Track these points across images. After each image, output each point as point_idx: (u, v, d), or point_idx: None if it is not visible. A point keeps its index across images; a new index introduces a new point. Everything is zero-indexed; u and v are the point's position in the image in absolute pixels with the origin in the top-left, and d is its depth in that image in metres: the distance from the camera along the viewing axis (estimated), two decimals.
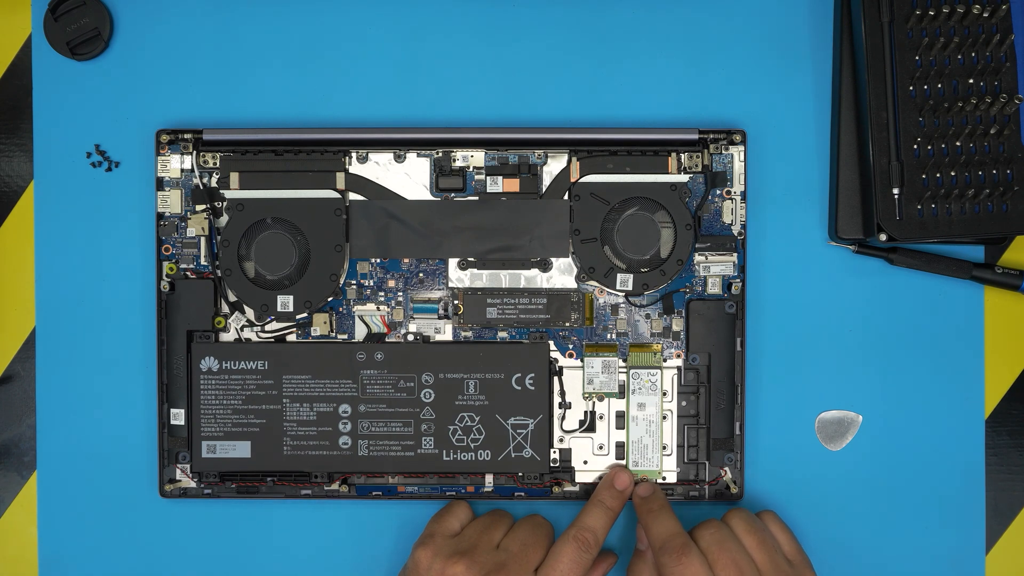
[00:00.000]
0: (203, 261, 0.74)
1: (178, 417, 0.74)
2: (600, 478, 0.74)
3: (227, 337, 0.74)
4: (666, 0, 0.75)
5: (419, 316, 0.74)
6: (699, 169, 0.73)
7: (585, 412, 0.74)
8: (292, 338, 0.74)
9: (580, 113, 0.75)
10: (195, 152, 0.74)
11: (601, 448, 0.74)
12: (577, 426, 0.74)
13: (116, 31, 0.75)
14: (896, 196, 0.70)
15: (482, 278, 0.74)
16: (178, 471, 0.74)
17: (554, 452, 0.74)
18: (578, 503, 0.74)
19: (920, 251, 0.74)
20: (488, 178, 0.74)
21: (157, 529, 0.75)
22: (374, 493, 0.74)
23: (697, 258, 0.73)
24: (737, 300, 0.73)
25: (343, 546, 0.75)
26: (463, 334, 0.74)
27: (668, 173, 0.73)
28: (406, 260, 0.74)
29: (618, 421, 0.74)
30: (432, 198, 0.74)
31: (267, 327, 0.74)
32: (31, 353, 0.75)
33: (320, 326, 0.74)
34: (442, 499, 0.74)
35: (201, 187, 0.74)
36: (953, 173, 0.70)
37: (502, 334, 0.74)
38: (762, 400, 0.75)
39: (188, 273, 0.74)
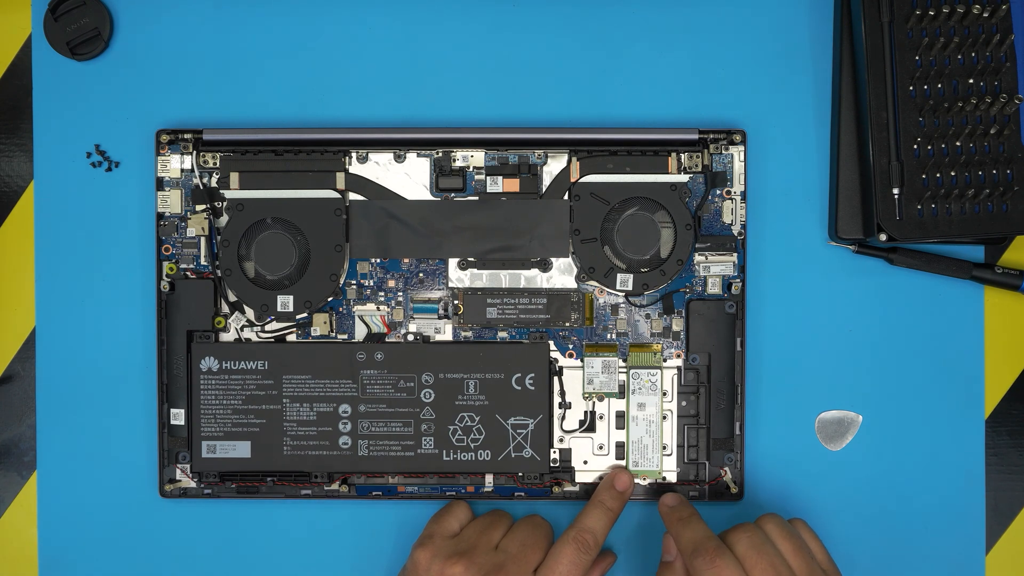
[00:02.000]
0: (203, 261, 0.74)
1: (178, 417, 0.74)
2: (600, 478, 0.74)
3: (227, 337, 0.74)
4: (666, 0, 0.75)
5: (419, 316, 0.74)
6: (699, 169, 0.73)
7: (585, 412, 0.74)
8: (292, 338, 0.74)
9: (580, 113, 0.75)
10: (195, 152, 0.74)
11: (601, 448, 0.74)
12: (577, 426, 0.74)
13: (116, 31, 0.75)
14: (896, 196, 0.70)
15: (482, 278, 0.74)
16: (178, 471, 0.74)
17: (554, 452, 0.74)
18: (578, 503, 0.74)
19: (920, 251, 0.74)
20: (488, 178, 0.74)
21: (157, 529, 0.75)
22: (374, 493, 0.74)
23: (697, 258, 0.73)
24: (737, 300, 0.73)
25: (343, 546, 0.75)
26: (463, 334, 0.74)
27: (668, 173, 0.73)
28: (406, 260, 0.74)
29: (618, 421, 0.74)
30: (432, 198, 0.74)
31: (267, 327, 0.74)
32: (31, 353, 0.75)
33: (320, 326, 0.74)
34: (442, 499, 0.74)
35: (201, 187, 0.74)
36: (953, 173, 0.70)
37: (502, 334, 0.74)
38: (762, 400, 0.75)
39: (188, 273, 0.74)
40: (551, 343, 0.74)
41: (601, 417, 0.74)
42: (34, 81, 0.75)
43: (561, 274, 0.74)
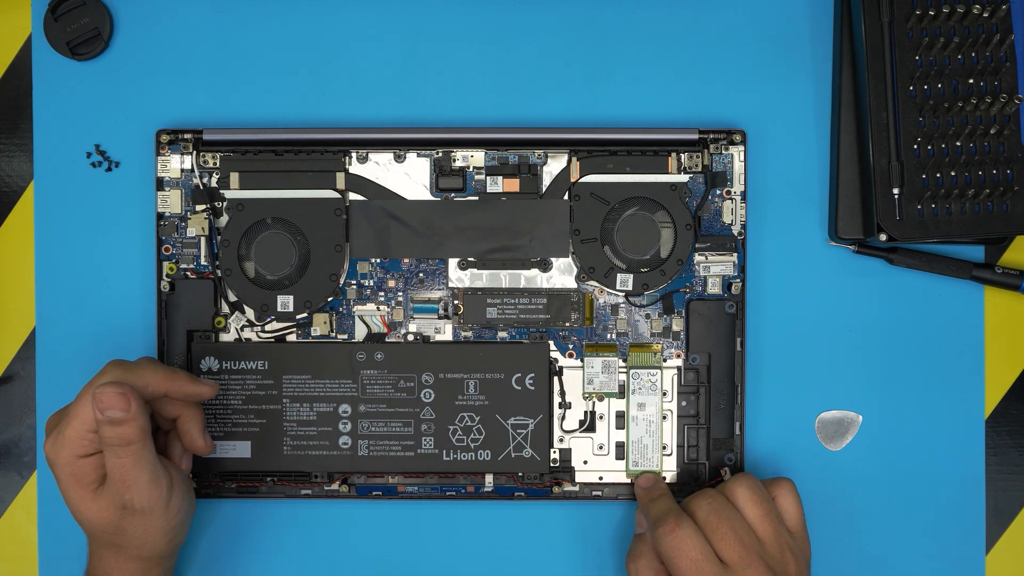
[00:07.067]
0: (203, 261, 0.74)
1: None
2: (600, 478, 0.74)
3: (227, 337, 0.74)
4: (666, 0, 0.75)
5: (419, 316, 0.74)
6: (699, 169, 0.73)
7: (585, 412, 0.74)
8: (292, 338, 0.74)
9: (580, 113, 0.75)
10: (195, 152, 0.74)
11: (601, 448, 0.74)
12: (577, 426, 0.74)
13: (116, 31, 0.75)
14: (896, 196, 0.70)
15: (482, 278, 0.74)
16: None
17: (554, 452, 0.74)
18: (578, 503, 0.74)
19: (920, 251, 0.74)
20: (488, 178, 0.74)
21: None
22: (374, 493, 0.74)
23: (697, 258, 0.73)
24: (737, 300, 0.73)
25: (343, 546, 0.75)
26: (463, 334, 0.74)
27: (668, 173, 0.73)
28: (406, 260, 0.74)
29: (618, 421, 0.74)
30: (432, 198, 0.74)
31: (267, 327, 0.74)
32: (31, 353, 0.75)
33: (320, 326, 0.74)
34: (442, 499, 0.74)
35: (201, 187, 0.74)
36: (953, 173, 0.70)
37: (502, 334, 0.74)
38: (762, 400, 0.75)
39: (188, 273, 0.74)
40: (551, 343, 0.74)
41: (601, 417, 0.74)
42: (34, 81, 0.75)
43: (561, 274, 0.74)
